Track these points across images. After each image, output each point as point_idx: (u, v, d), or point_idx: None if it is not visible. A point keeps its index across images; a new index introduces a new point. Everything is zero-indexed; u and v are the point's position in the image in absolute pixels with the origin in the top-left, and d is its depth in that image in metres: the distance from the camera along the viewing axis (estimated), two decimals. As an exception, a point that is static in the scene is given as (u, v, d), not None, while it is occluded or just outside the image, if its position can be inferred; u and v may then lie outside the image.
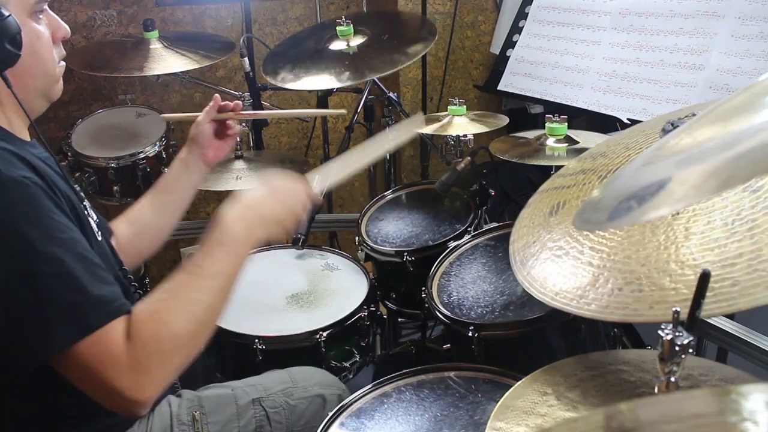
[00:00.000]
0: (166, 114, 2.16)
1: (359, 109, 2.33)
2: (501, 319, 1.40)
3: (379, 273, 1.87)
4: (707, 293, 0.71)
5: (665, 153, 0.65)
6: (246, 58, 2.19)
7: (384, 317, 1.89)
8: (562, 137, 1.75)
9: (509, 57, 2.42)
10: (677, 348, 0.71)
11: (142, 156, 2.23)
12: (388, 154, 1.43)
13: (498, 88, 2.43)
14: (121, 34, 2.63)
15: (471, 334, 1.36)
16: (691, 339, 0.71)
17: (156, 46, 2.29)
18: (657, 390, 0.74)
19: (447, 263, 1.63)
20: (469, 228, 1.80)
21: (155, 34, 2.31)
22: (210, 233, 1.11)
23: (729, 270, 0.77)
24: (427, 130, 1.96)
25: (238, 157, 2.11)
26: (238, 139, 2.10)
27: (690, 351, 0.71)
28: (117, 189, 2.21)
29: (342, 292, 1.74)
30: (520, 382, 1.06)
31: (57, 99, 1.19)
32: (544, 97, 2.27)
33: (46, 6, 1.12)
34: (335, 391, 1.39)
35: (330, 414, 1.23)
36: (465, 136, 1.93)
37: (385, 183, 2.55)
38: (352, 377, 1.67)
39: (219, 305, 1.08)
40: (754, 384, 0.46)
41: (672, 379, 0.73)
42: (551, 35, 2.33)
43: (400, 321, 2.24)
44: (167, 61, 2.23)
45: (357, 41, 2.18)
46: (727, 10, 1.90)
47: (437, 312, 1.46)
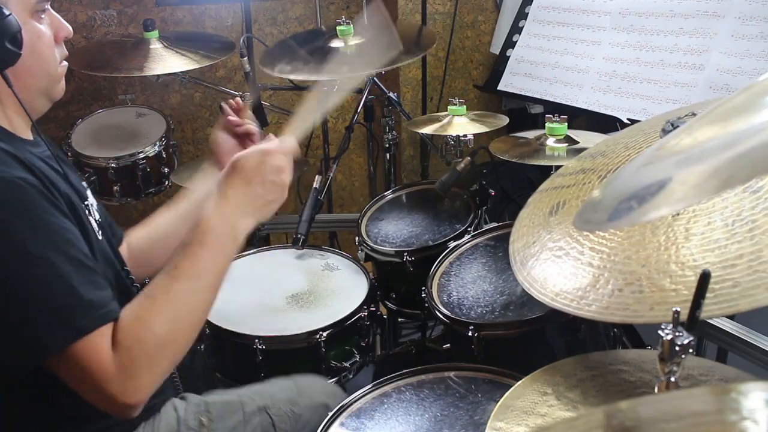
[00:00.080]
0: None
1: (359, 109, 2.33)
2: (501, 319, 1.40)
3: (379, 273, 1.87)
4: (707, 294, 0.71)
5: (665, 153, 0.65)
6: (246, 58, 2.19)
7: (384, 317, 1.89)
8: (562, 137, 1.75)
9: (509, 57, 2.42)
10: (677, 348, 0.71)
11: (142, 156, 2.23)
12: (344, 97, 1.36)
13: (498, 88, 2.43)
14: (121, 34, 2.63)
15: (471, 333, 1.36)
16: (691, 339, 0.71)
17: (156, 46, 2.29)
18: (657, 390, 0.74)
19: (447, 263, 1.63)
20: (469, 228, 1.80)
21: (155, 34, 2.31)
22: (189, 233, 1.10)
23: (729, 271, 0.77)
24: (427, 130, 1.97)
25: (238, 157, 2.10)
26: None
27: (690, 351, 0.71)
28: (117, 189, 2.21)
29: (342, 292, 1.74)
30: (520, 382, 1.06)
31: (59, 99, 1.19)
32: (544, 97, 2.27)
33: (48, 5, 1.11)
34: (339, 401, 1.39)
35: (330, 414, 1.23)
36: (465, 136, 1.92)
37: (385, 183, 2.55)
38: (352, 377, 1.67)
39: (202, 305, 1.08)
40: (753, 382, 0.46)
41: (672, 379, 0.73)
42: (551, 35, 2.33)
43: (400, 321, 2.24)
44: (167, 61, 2.23)
45: (356, 41, 2.18)
46: (727, 10, 1.90)
47: (437, 312, 1.46)
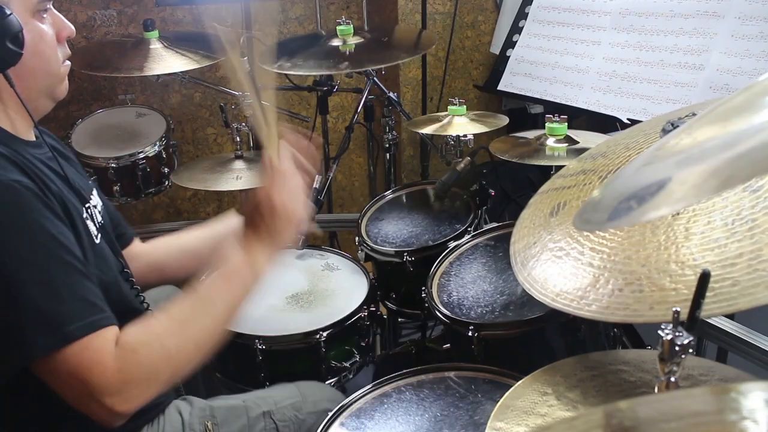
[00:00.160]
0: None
1: (359, 109, 2.33)
2: (501, 319, 1.40)
3: (379, 273, 1.87)
4: (707, 293, 0.71)
5: (665, 153, 0.65)
6: (246, 58, 2.19)
7: (384, 317, 1.89)
8: (562, 137, 1.75)
9: (509, 57, 2.42)
10: (677, 348, 0.71)
11: (142, 156, 2.23)
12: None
13: (498, 88, 2.43)
14: (121, 34, 2.63)
15: (471, 333, 1.36)
16: (691, 339, 0.71)
17: (156, 46, 2.28)
18: (657, 390, 0.74)
19: (447, 263, 1.63)
20: (469, 228, 1.80)
21: (155, 34, 2.31)
22: (228, 264, 1.16)
23: (729, 270, 0.77)
24: (427, 130, 1.97)
25: (237, 157, 2.11)
26: (237, 139, 2.10)
27: (690, 351, 0.71)
28: (117, 189, 2.21)
29: (342, 292, 1.74)
30: (520, 382, 1.06)
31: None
32: (544, 97, 2.27)
33: (50, 5, 1.11)
34: (341, 403, 1.39)
35: (330, 414, 1.23)
36: (465, 136, 1.92)
37: (385, 183, 2.55)
38: (352, 377, 1.67)
39: (213, 331, 1.11)
40: (753, 382, 0.46)
41: (672, 379, 0.73)
42: (551, 35, 2.33)
43: (400, 321, 2.24)
44: (167, 61, 2.23)
45: (356, 41, 2.19)
46: (727, 10, 1.90)
47: (437, 312, 1.46)
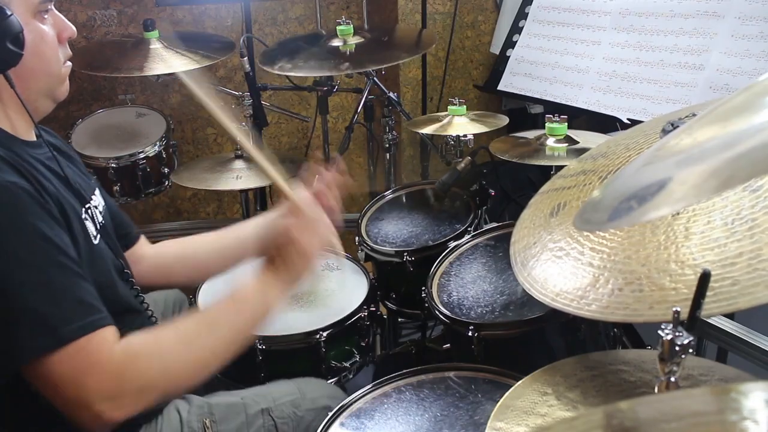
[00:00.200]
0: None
1: (359, 109, 2.34)
2: (501, 319, 1.40)
3: (379, 273, 1.87)
4: (707, 293, 0.71)
5: (665, 153, 0.65)
6: (246, 58, 2.19)
7: (384, 317, 1.89)
8: (562, 137, 1.75)
9: (509, 57, 2.42)
10: (677, 348, 0.71)
11: (142, 156, 2.23)
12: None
13: (498, 88, 2.43)
14: (121, 34, 2.63)
15: (471, 334, 1.36)
16: (691, 339, 0.71)
17: (156, 46, 2.28)
18: (657, 390, 0.74)
19: (447, 263, 1.63)
20: (469, 228, 1.80)
21: (155, 34, 2.31)
22: (244, 287, 1.16)
23: (729, 269, 0.77)
24: (427, 130, 1.97)
25: (237, 157, 2.11)
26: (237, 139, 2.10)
27: (690, 351, 0.71)
28: (117, 189, 2.21)
29: (342, 292, 1.74)
30: (520, 382, 1.06)
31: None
32: (544, 97, 2.27)
33: (51, 6, 1.11)
34: (341, 403, 1.39)
35: (330, 414, 1.23)
36: (465, 136, 1.93)
37: (385, 183, 2.55)
38: (352, 377, 1.67)
39: (217, 353, 1.10)
40: (753, 382, 0.46)
41: (672, 379, 0.73)
42: (551, 35, 2.33)
43: (400, 321, 2.24)
44: (167, 61, 2.23)
45: (356, 41, 2.19)
46: (727, 10, 1.90)
47: (437, 312, 1.46)
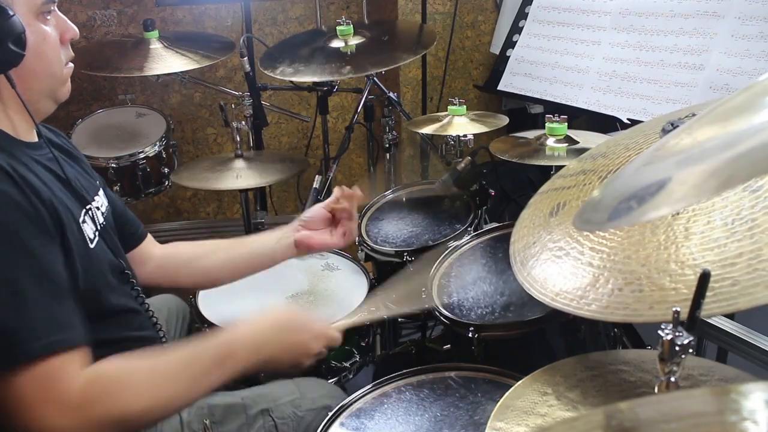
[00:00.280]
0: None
1: (359, 109, 2.34)
2: (501, 320, 1.40)
3: (379, 273, 1.87)
4: (707, 293, 0.71)
5: (665, 153, 0.65)
6: (246, 58, 2.19)
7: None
8: (562, 137, 1.75)
9: (509, 57, 2.42)
10: (677, 348, 0.71)
11: (142, 156, 2.23)
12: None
13: (498, 88, 2.43)
14: (121, 34, 2.63)
15: (471, 335, 1.36)
16: (691, 339, 0.71)
17: (156, 46, 2.29)
18: (657, 390, 0.74)
19: (447, 263, 1.63)
20: (469, 228, 1.80)
21: (155, 34, 2.31)
22: (217, 333, 1.13)
23: (729, 270, 0.77)
24: (427, 130, 1.96)
25: (237, 157, 2.10)
26: (237, 139, 2.10)
27: (690, 351, 0.71)
28: (117, 189, 2.21)
29: (342, 292, 1.74)
30: (520, 382, 1.06)
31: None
32: (544, 97, 2.27)
33: (54, 7, 1.10)
34: (341, 403, 1.39)
35: (330, 414, 1.23)
36: (465, 136, 1.93)
37: (385, 183, 2.55)
38: (352, 377, 1.67)
39: (185, 399, 1.09)
40: (753, 383, 0.46)
41: (672, 379, 0.73)
42: (551, 35, 2.33)
43: (400, 321, 2.24)
44: (167, 61, 2.23)
45: (356, 41, 2.19)
46: (727, 10, 1.90)
47: (437, 312, 1.46)
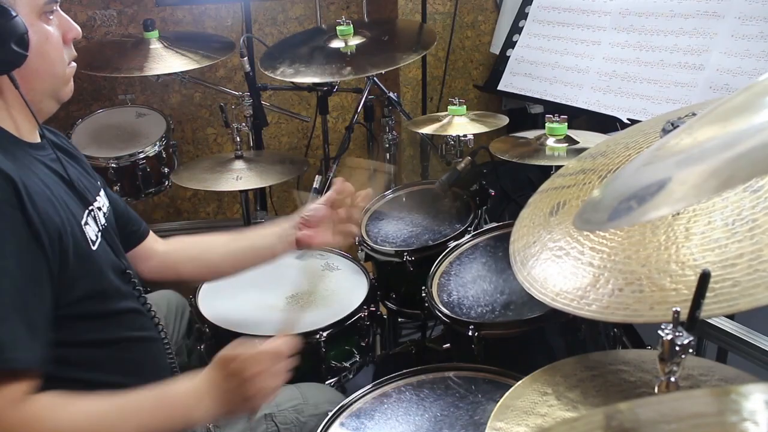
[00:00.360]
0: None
1: (359, 109, 2.34)
2: (501, 319, 1.40)
3: (379, 273, 1.87)
4: (707, 293, 0.71)
5: (665, 153, 0.65)
6: (246, 58, 2.19)
7: (384, 317, 1.89)
8: (562, 137, 1.75)
9: (509, 57, 2.42)
10: (677, 348, 0.71)
11: (142, 156, 2.23)
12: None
13: (498, 88, 2.43)
14: (121, 34, 2.63)
15: (471, 333, 1.36)
16: (691, 339, 0.71)
17: (156, 46, 2.29)
18: (657, 390, 0.74)
19: (447, 263, 1.63)
20: (469, 228, 1.80)
21: (155, 34, 2.31)
22: (170, 383, 1.10)
23: (729, 270, 0.77)
24: (427, 130, 1.96)
25: (238, 157, 2.10)
26: (237, 139, 2.10)
27: (690, 351, 0.71)
28: (117, 189, 2.21)
29: (342, 292, 1.74)
30: (520, 382, 1.06)
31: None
32: (544, 97, 2.27)
33: (56, 6, 1.10)
34: (341, 403, 1.39)
35: (330, 414, 1.23)
36: (465, 136, 1.93)
37: (385, 183, 2.55)
38: (352, 377, 1.67)
39: None
40: (754, 384, 0.46)
41: (672, 379, 0.73)
42: (551, 35, 2.33)
43: (400, 321, 2.24)
44: (167, 61, 2.23)
45: (356, 41, 2.19)
46: (727, 10, 1.90)
47: (437, 311, 1.46)
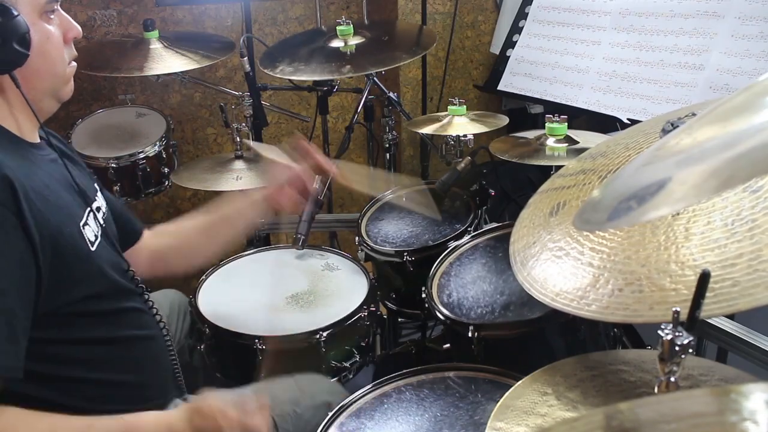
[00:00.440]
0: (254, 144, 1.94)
1: (359, 109, 2.33)
2: (501, 319, 1.40)
3: (379, 273, 1.87)
4: (707, 293, 0.71)
5: (665, 153, 0.65)
6: (246, 58, 2.19)
7: (384, 317, 1.89)
8: (562, 137, 1.75)
9: (509, 57, 2.42)
10: (677, 348, 0.71)
11: (142, 156, 2.23)
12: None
13: (498, 88, 2.43)
14: (121, 34, 2.63)
15: (471, 334, 1.36)
16: (691, 339, 0.71)
17: (156, 46, 2.28)
18: (657, 390, 0.74)
19: (447, 263, 1.63)
20: (469, 228, 1.80)
21: (155, 34, 2.31)
22: (140, 414, 1.10)
23: (729, 270, 0.77)
24: (427, 130, 1.97)
25: (237, 157, 2.11)
26: (237, 139, 2.11)
27: (690, 351, 0.71)
28: (117, 189, 2.21)
29: (342, 292, 1.74)
30: (520, 382, 1.06)
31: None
32: (544, 97, 2.27)
33: (57, 6, 1.10)
34: (341, 398, 1.39)
35: (330, 414, 1.23)
36: (465, 136, 1.93)
37: (385, 183, 2.55)
38: (352, 377, 1.67)
39: None
40: (754, 384, 0.46)
41: (672, 379, 0.73)
42: (551, 35, 2.33)
43: (400, 321, 2.24)
44: (167, 61, 2.23)
45: (356, 41, 2.19)
46: (727, 10, 1.90)
47: (437, 312, 1.46)
